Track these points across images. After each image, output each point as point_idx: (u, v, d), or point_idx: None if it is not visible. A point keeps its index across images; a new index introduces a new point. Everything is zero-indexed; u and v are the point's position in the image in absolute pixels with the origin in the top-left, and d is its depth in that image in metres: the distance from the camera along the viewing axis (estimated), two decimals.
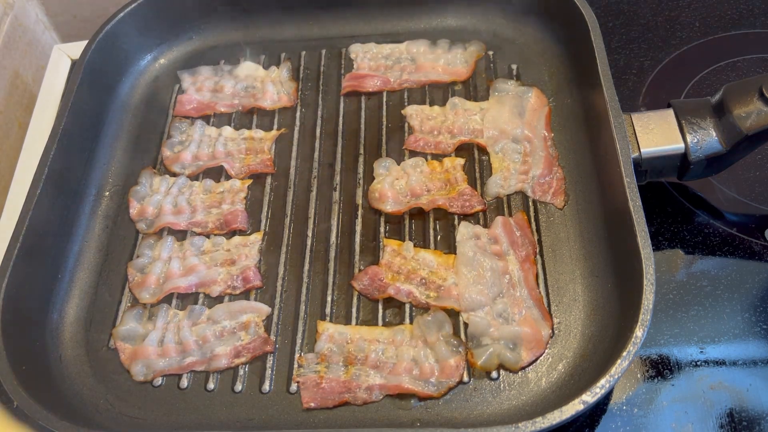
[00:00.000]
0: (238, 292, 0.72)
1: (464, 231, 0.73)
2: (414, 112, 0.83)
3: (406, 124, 0.83)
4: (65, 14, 1.10)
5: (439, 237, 0.74)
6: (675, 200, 0.77)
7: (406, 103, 0.85)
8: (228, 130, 0.85)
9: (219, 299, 0.72)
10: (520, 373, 0.65)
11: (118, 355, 0.70)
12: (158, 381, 0.68)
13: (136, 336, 0.70)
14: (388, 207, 0.75)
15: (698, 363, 0.66)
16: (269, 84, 0.88)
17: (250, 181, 0.80)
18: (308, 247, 0.75)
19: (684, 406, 0.64)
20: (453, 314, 0.68)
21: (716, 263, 0.73)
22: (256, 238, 0.76)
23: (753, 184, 0.77)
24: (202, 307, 0.71)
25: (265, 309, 0.70)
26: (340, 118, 0.85)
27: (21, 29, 1.00)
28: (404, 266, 0.71)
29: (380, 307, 0.70)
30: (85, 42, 0.86)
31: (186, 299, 0.73)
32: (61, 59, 0.96)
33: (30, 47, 1.02)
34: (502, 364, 0.65)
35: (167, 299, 0.73)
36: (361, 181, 0.79)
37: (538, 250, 0.72)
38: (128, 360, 0.69)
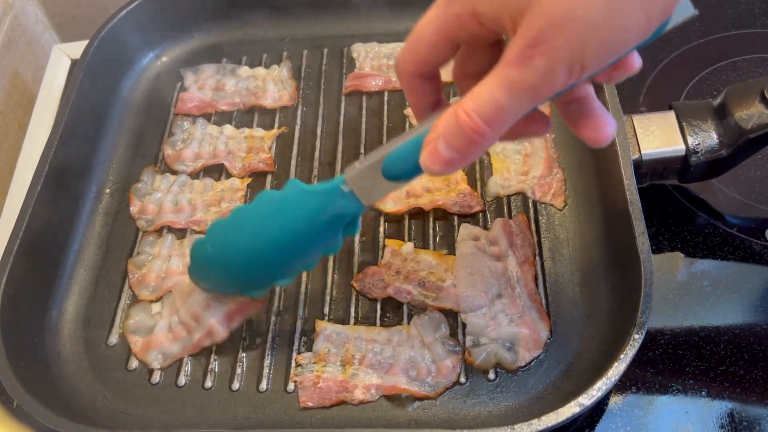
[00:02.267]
0: None
1: (464, 232, 0.73)
2: None
3: (407, 124, 0.83)
4: (65, 14, 1.10)
5: (438, 237, 0.74)
6: (675, 200, 0.77)
7: (407, 103, 0.85)
8: (229, 129, 0.85)
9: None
10: (517, 374, 0.65)
11: (116, 352, 0.70)
12: (156, 378, 0.68)
13: (144, 327, 0.71)
14: (388, 206, 0.75)
15: (698, 363, 0.66)
16: (270, 83, 0.88)
17: (249, 180, 0.80)
18: None
19: (684, 406, 0.64)
20: (451, 314, 0.69)
21: (716, 263, 0.72)
22: None
23: (753, 184, 0.77)
24: None
25: None
26: (341, 118, 0.85)
27: (21, 29, 1.00)
28: (404, 267, 0.71)
29: (378, 307, 0.70)
30: (85, 42, 0.86)
31: None
32: (61, 59, 0.96)
33: (30, 47, 1.02)
34: (500, 364, 0.65)
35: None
36: None
37: (537, 252, 0.72)
38: (142, 351, 0.70)
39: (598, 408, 0.65)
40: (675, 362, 0.66)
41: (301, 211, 0.59)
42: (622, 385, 0.66)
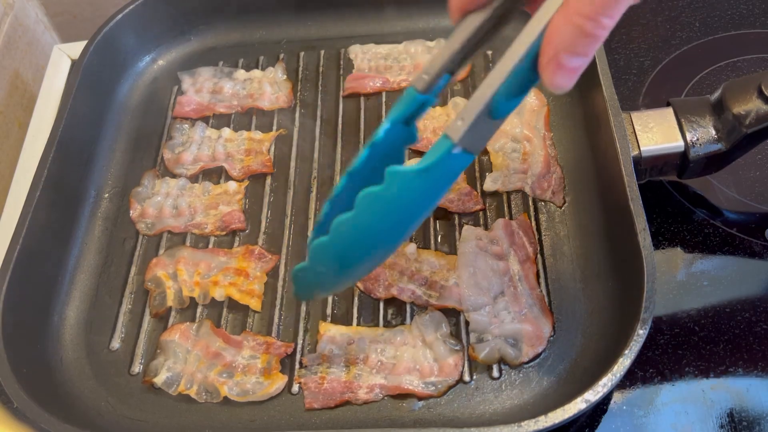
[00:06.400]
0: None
1: (465, 234, 0.73)
2: None
3: None
4: (65, 14, 1.10)
5: (440, 237, 0.74)
6: (675, 200, 0.77)
7: None
8: (227, 132, 0.85)
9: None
10: (521, 372, 0.65)
11: (118, 357, 0.70)
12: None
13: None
14: None
15: (698, 363, 0.66)
16: (266, 84, 0.88)
17: (247, 183, 0.80)
18: None
19: (684, 406, 0.64)
20: (455, 313, 0.69)
21: (716, 263, 0.73)
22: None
23: (753, 184, 0.77)
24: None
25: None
26: (340, 119, 0.85)
27: (21, 29, 1.00)
28: (407, 267, 0.71)
29: (381, 307, 0.70)
30: (85, 42, 0.86)
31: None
32: (61, 59, 0.96)
33: (30, 47, 1.02)
34: (503, 359, 0.65)
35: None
36: None
37: (538, 250, 0.72)
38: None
39: (599, 408, 0.65)
40: (675, 362, 0.67)
41: (411, 197, 0.55)
42: (622, 385, 0.66)
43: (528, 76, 0.51)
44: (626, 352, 0.57)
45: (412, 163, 0.76)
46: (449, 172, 0.55)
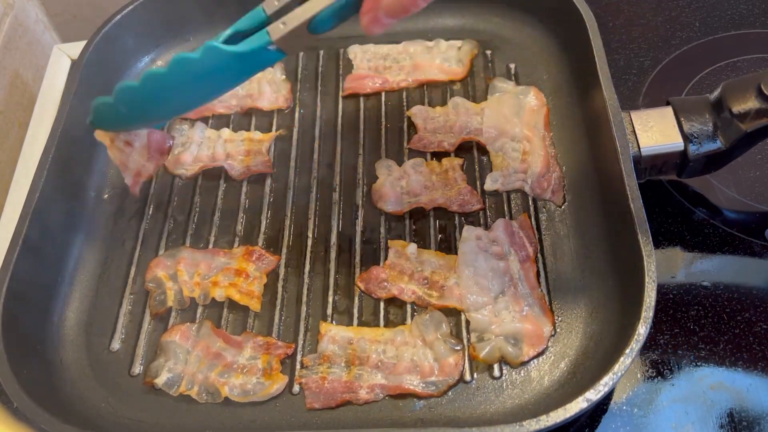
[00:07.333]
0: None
1: (466, 234, 0.73)
2: (418, 112, 0.83)
3: (405, 124, 0.83)
4: (65, 14, 1.10)
5: (440, 236, 0.74)
6: (675, 200, 0.77)
7: (405, 103, 0.85)
8: (227, 132, 0.85)
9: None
10: (522, 371, 0.65)
11: (118, 358, 0.70)
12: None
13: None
14: (390, 207, 0.76)
15: (698, 363, 0.66)
16: (265, 84, 0.88)
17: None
18: (308, 247, 0.75)
19: (684, 406, 0.64)
20: (455, 313, 0.69)
21: (716, 263, 0.73)
22: None
23: (753, 184, 0.77)
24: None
25: None
26: (339, 119, 0.85)
27: (21, 29, 1.00)
28: (408, 267, 0.71)
29: (381, 307, 0.70)
30: (85, 42, 0.85)
31: None
32: (61, 59, 0.96)
33: (30, 47, 1.02)
34: (504, 358, 0.65)
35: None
36: (361, 182, 0.79)
37: (538, 249, 0.72)
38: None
39: (599, 407, 0.65)
40: (675, 362, 0.67)
41: (220, 73, 0.65)
42: (622, 385, 0.66)
43: (349, 11, 0.60)
44: (627, 351, 0.57)
45: (409, 163, 0.77)
46: (258, 63, 0.65)
